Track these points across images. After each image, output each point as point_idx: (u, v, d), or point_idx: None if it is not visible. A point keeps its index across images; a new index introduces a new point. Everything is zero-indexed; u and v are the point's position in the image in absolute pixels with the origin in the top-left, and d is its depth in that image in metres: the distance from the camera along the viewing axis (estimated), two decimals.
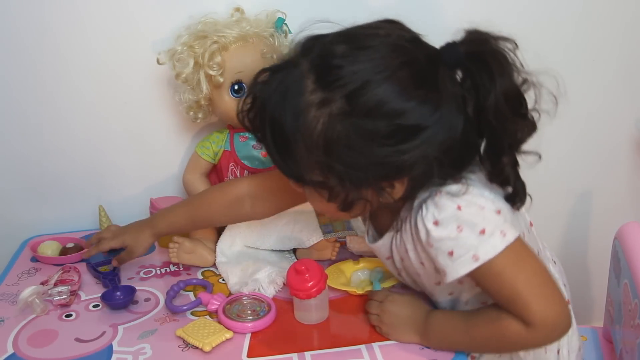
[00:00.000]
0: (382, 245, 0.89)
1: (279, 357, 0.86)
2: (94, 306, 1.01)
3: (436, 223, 0.77)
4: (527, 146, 0.80)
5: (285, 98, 0.74)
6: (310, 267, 0.91)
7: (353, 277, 1.05)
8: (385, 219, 0.88)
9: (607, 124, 1.35)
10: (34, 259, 1.16)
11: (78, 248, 1.16)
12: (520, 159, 0.81)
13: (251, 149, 1.15)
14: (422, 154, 0.72)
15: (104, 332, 0.93)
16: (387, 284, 0.99)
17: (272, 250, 1.12)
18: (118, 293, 1.00)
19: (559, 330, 0.78)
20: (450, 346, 0.85)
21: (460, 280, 0.83)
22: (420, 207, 0.79)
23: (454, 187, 0.77)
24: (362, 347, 0.87)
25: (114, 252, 1.12)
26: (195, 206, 1.05)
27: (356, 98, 0.70)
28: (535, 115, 0.78)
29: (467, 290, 0.89)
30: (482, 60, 0.74)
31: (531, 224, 0.95)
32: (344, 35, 0.77)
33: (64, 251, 1.16)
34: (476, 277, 0.79)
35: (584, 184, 1.42)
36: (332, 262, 1.08)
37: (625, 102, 1.34)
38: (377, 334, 0.90)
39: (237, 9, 1.14)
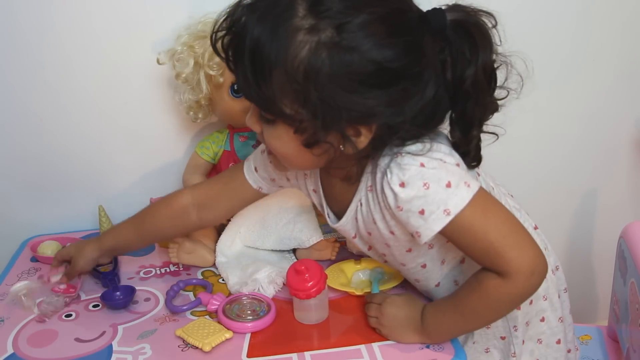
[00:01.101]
0: (345, 223, 0.89)
1: (279, 357, 0.86)
2: (94, 306, 1.01)
3: (402, 185, 0.76)
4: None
5: (272, 20, 0.70)
6: (310, 267, 0.91)
7: (354, 277, 1.05)
8: (343, 197, 0.87)
9: (607, 123, 1.35)
10: (34, 259, 1.17)
11: None
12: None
13: (251, 149, 1.15)
14: (397, 103, 0.72)
15: (103, 332, 0.93)
16: (386, 286, 0.99)
17: (272, 250, 1.12)
18: (118, 293, 1.00)
19: (536, 275, 0.78)
20: (449, 334, 0.86)
21: (430, 244, 0.83)
22: (384, 173, 0.78)
23: (413, 147, 0.77)
24: (362, 347, 0.87)
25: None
26: (141, 220, 1.05)
27: (347, 31, 0.69)
28: (502, 93, 0.80)
29: (437, 257, 0.88)
30: (466, 30, 0.75)
31: (536, 227, 0.95)
32: None
33: None
34: (448, 234, 0.78)
35: (587, 184, 1.43)
36: (331, 262, 1.08)
37: (625, 102, 1.34)
38: (376, 334, 0.90)
39: None
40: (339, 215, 0.90)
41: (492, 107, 0.80)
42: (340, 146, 0.76)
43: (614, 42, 1.28)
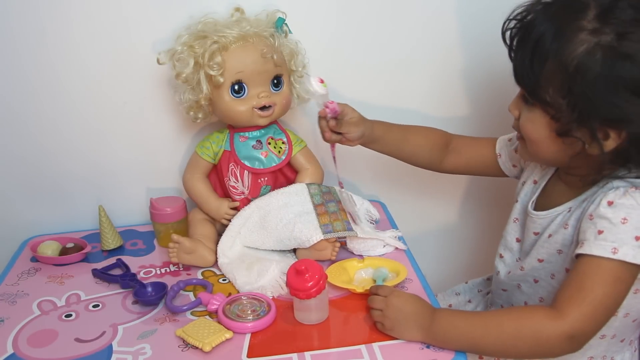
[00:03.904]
0: (544, 215, 0.94)
1: (279, 357, 0.86)
2: (94, 306, 1.01)
3: (610, 203, 0.82)
4: None
5: (562, 17, 0.80)
6: (310, 267, 0.91)
7: (356, 275, 1.05)
8: (556, 196, 0.94)
9: None
10: (34, 259, 1.16)
11: (78, 248, 1.16)
12: None
13: (251, 149, 1.15)
14: None
15: (103, 332, 0.93)
16: (391, 283, 0.99)
17: (273, 250, 1.12)
18: (150, 290, 1.01)
19: (574, 341, 0.81)
20: (456, 340, 0.85)
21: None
22: (610, 188, 0.84)
23: None
24: (362, 347, 0.87)
25: (115, 253, 1.12)
26: (408, 130, 1.13)
27: (628, 40, 0.76)
28: None
29: None
30: None
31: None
32: None
33: (64, 251, 1.16)
34: (585, 262, 0.82)
35: None
36: (332, 262, 1.08)
37: None
38: (377, 333, 0.90)
39: (237, 9, 1.14)
40: (540, 206, 0.97)
41: None
42: (586, 145, 0.82)
43: None
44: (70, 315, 0.99)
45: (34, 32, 1.15)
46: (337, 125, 1.05)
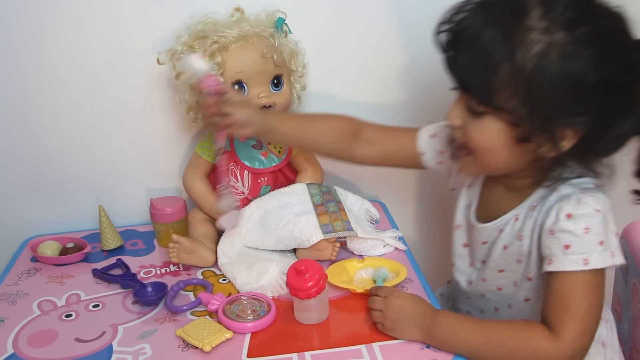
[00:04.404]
0: (491, 226, 0.92)
1: (279, 357, 0.86)
2: (94, 306, 1.01)
3: (569, 216, 0.81)
4: None
5: (505, 19, 0.76)
6: (310, 267, 0.91)
7: (356, 275, 1.05)
8: (498, 204, 0.91)
9: None
10: (34, 259, 1.16)
11: (78, 248, 1.16)
12: None
13: (251, 149, 1.15)
14: (609, 114, 0.76)
15: (103, 332, 0.93)
16: (391, 283, 0.99)
17: (273, 250, 1.12)
18: (150, 290, 1.01)
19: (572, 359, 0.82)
20: (456, 346, 0.85)
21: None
22: (561, 198, 0.83)
23: (593, 189, 0.83)
24: (362, 347, 0.87)
25: (115, 253, 1.11)
26: (308, 118, 1.07)
27: (582, 36, 0.74)
28: None
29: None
30: None
31: (616, 235, 0.95)
32: None
33: (64, 251, 1.16)
34: (560, 276, 0.82)
35: None
36: (332, 262, 1.08)
37: None
38: (377, 334, 0.90)
39: (237, 9, 1.14)
40: (482, 219, 0.94)
41: None
42: (542, 147, 0.80)
43: None
44: (70, 315, 0.99)
45: (34, 32, 1.15)
46: (221, 104, 0.98)
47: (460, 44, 0.80)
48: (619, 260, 0.83)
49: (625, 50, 0.76)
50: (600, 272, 0.82)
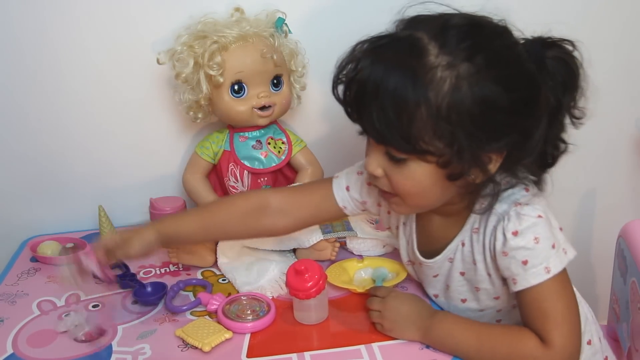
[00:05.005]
0: (440, 259, 0.90)
1: (279, 357, 0.86)
2: (94, 306, 1.01)
3: (515, 233, 0.80)
4: None
5: (405, 63, 0.73)
6: (310, 268, 0.91)
7: (356, 275, 1.05)
8: (440, 235, 0.90)
9: (607, 123, 1.35)
10: (34, 259, 1.16)
11: (78, 248, 1.16)
12: None
13: (251, 149, 1.15)
14: (529, 129, 0.76)
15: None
16: (391, 283, 0.99)
17: (272, 250, 1.12)
18: (149, 290, 1.01)
19: None
20: (452, 349, 0.85)
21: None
22: (500, 218, 0.82)
23: (526, 196, 0.82)
24: (362, 347, 0.87)
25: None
26: (210, 211, 0.99)
27: (483, 63, 0.72)
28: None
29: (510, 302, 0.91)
30: (563, 61, 0.80)
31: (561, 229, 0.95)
32: (457, 15, 0.77)
33: (64, 251, 1.16)
34: (530, 292, 0.81)
35: (586, 183, 1.42)
36: (331, 262, 1.08)
37: (625, 102, 1.34)
38: (377, 334, 0.90)
39: (237, 9, 1.14)
40: (427, 253, 0.92)
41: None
42: (472, 176, 0.78)
43: (613, 42, 1.28)
44: (69, 315, 0.98)
45: (34, 32, 1.15)
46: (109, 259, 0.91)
47: (365, 97, 0.75)
48: (572, 254, 0.83)
49: (522, 65, 0.76)
50: (562, 271, 0.81)
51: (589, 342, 0.96)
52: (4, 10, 1.13)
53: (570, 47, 0.80)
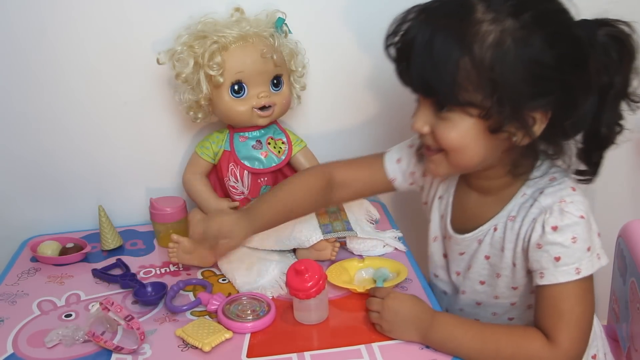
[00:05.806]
0: (470, 237, 0.92)
1: (279, 357, 0.86)
2: (94, 306, 1.01)
3: (555, 228, 0.81)
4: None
5: (454, 19, 0.77)
6: (310, 268, 0.91)
7: (356, 275, 1.05)
8: (475, 213, 0.91)
9: None
10: (34, 259, 1.16)
11: (78, 248, 1.16)
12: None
13: (251, 149, 1.15)
14: (574, 92, 0.77)
15: (103, 332, 0.93)
16: (391, 283, 0.99)
17: (272, 250, 1.12)
18: (149, 290, 1.01)
19: None
20: (453, 350, 0.85)
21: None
22: (543, 210, 0.83)
23: (572, 195, 0.83)
24: (362, 347, 0.87)
25: (115, 253, 1.11)
26: (290, 193, 1.01)
27: (529, 20, 0.75)
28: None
29: (527, 300, 0.92)
30: (618, 39, 0.80)
31: (599, 234, 0.95)
32: None
33: (64, 251, 1.16)
34: (554, 289, 0.82)
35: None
36: (331, 262, 1.08)
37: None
38: (377, 334, 0.90)
39: (237, 9, 1.14)
40: (459, 230, 0.93)
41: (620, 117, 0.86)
42: (515, 137, 0.80)
43: None
44: (70, 315, 0.99)
45: (34, 32, 1.15)
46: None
47: (414, 53, 0.79)
48: (605, 261, 0.84)
49: (570, 28, 0.77)
50: (589, 277, 0.83)
51: (593, 357, 0.96)
52: (3, 11, 1.13)
53: (626, 28, 0.81)
